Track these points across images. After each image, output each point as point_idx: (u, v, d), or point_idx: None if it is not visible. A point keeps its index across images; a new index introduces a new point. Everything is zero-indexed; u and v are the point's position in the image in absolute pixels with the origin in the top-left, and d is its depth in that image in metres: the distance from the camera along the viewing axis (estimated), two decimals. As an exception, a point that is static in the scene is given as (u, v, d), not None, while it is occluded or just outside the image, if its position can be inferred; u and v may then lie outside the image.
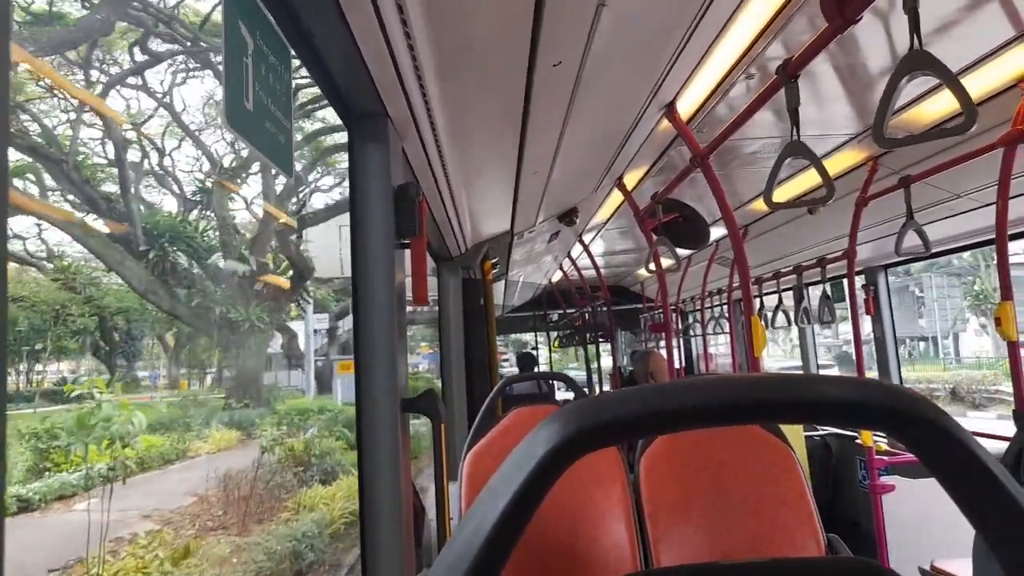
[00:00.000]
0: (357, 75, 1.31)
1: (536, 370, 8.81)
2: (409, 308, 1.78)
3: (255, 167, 20.42)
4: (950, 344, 28.47)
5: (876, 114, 1.50)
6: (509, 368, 15.18)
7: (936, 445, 0.39)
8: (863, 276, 4.36)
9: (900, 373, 4.57)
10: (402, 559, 1.54)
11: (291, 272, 20.23)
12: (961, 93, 1.38)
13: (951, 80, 1.39)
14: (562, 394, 8.51)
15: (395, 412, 1.54)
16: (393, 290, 1.54)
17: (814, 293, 4.84)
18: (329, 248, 18.20)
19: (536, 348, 10.76)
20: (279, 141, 1.00)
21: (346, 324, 27.63)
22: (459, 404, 3.78)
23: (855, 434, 4.13)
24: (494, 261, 4.34)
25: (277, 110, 0.98)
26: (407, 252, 1.67)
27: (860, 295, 4.28)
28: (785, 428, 2.49)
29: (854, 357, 3.75)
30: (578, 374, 10.40)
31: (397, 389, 1.55)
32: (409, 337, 1.95)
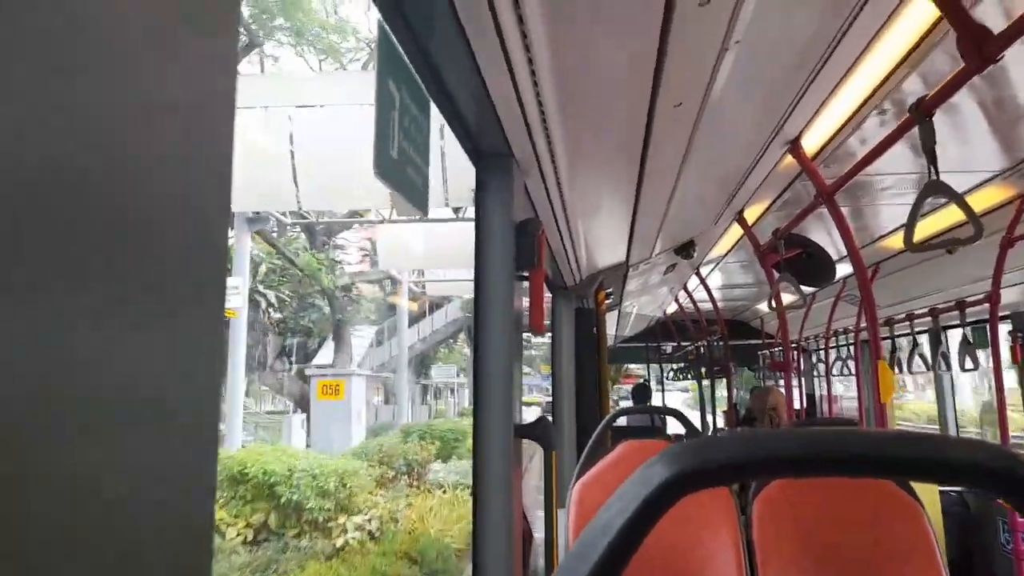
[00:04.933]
0: (486, 117, 1.41)
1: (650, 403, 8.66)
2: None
3: None
4: None
5: None
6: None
7: None
8: (1010, 321, 4.01)
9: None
10: None
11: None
12: None
13: None
14: (674, 428, 8.31)
15: (509, 437, 1.60)
16: (511, 320, 1.61)
17: (954, 337, 4.50)
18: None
19: (649, 380, 10.57)
20: (417, 184, 1.10)
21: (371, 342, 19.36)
22: (569, 432, 3.80)
23: None
24: (608, 291, 4.36)
25: (417, 156, 1.08)
26: (526, 283, 1.75)
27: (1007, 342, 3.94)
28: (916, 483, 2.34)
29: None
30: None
31: (511, 414, 1.61)
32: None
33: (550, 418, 3.63)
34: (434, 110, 1.29)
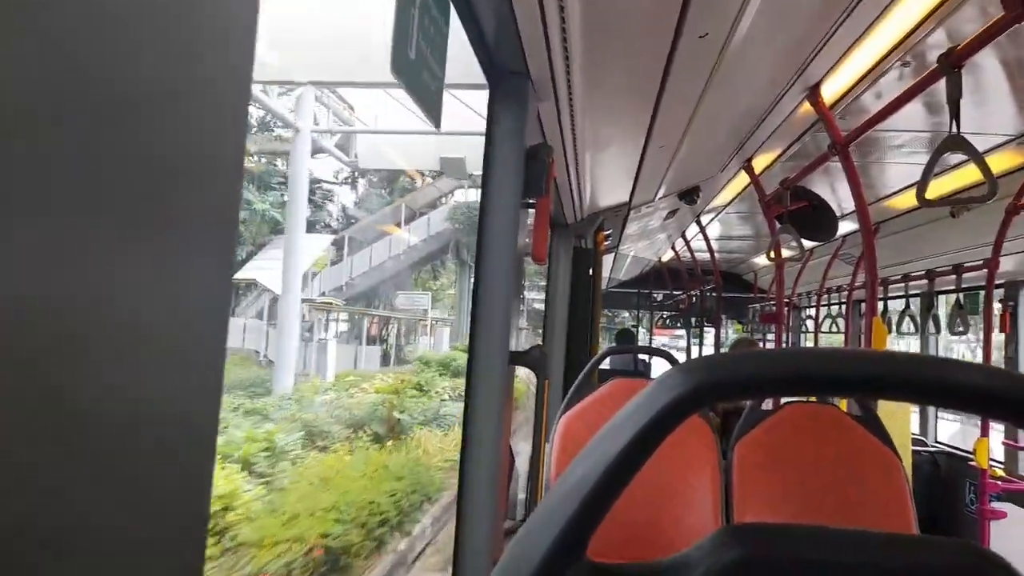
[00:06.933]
0: (506, 32, 1.35)
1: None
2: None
3: None
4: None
5: None
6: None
7: None
8: (1002, 290, 4.03)
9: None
10: (495, 506, 1.61)
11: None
12: None
13: None
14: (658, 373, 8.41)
15: (503, 363, 1.60)
16: (515, 247, 1.60)
17: (943, 304, 4.55)
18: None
19: (636, 326, 10.65)
20: (432, 90, 1.06)
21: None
22: (556, 369, 3.84)
23: (969, 455, 3.88)
24: (607, 233, 4.33)
25: (434, 61, 1.04)
26: (531, 212, 1.73)
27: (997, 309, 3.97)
28: (894, 438, 2.38)
29: None
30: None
31: (507, 341, 1.61)
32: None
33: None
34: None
